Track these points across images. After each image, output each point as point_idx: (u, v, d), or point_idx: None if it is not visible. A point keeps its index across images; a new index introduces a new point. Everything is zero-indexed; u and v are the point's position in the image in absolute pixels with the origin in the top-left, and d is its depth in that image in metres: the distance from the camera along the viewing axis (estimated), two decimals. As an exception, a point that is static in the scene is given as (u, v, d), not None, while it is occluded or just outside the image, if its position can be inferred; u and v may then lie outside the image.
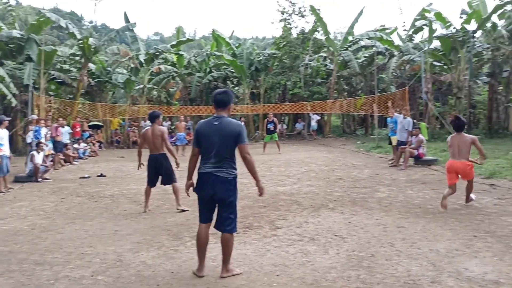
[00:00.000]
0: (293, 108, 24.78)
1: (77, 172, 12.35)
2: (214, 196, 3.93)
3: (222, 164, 3.91)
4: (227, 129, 3.89)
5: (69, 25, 19.45)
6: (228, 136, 3.87)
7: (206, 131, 3.96)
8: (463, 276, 3.87)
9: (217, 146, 3.88)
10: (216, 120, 3.95)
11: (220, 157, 3.90)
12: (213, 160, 3.91)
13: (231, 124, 3.94)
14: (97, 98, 23.26)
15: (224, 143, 3.87)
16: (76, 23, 54.68)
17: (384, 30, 25.24)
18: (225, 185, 3.91)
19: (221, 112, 4.00)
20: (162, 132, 6.87)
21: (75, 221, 6.39)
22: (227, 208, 3.95)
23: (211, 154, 3.91)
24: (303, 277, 3.95)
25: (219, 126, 3.90)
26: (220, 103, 4.01)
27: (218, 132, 3.88)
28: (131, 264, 4.41)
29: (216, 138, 3.88)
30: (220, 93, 4.09)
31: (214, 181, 3.89)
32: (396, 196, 7.75)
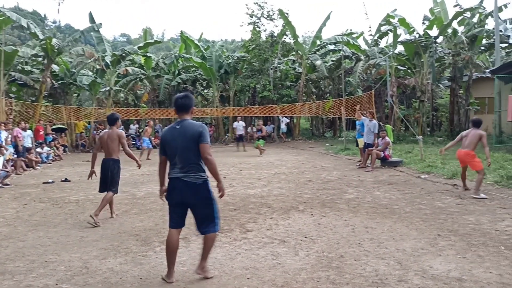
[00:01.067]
0: (262, 111, 24.89)
1: (40, 177, 11.93)
2: (183, 201, 3.89)
3: (189, 169, 3.84)
4: (188, 132, 3.84)
5: (30, 25, 18.81)
6: (190, 138, 3.82)
7: (169, 137, 3.93)
8: (428, 274, 3.98)
9: (180, 149, 3.84)
10: (178, 124, 3.93)
11: (185, 161, 3.84)
12: (180, 165, 3.86)
13: (193, 126, 3.89)
14: (61, 101, 22.58)
15: (187, 145, 3.82)
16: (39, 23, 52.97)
17: (351, 34, 25.77)
18: (193, 190, 3.84)
19: (184, 116, 3.97)
20: (119, 136, 6.60)
21: (38, 228, 6.16)
22: (202, 209, 3.91)
23: (176, 159, 3.87)
24: (273, 279, 3.96)
25: (181, 130, 3.87)
26: (181, 107, 3.97)
27: (180, 135, 3.85)
28: (98, 271, 4.29)
29: (178, 142, 3.85)
30: (181, 97, 4.02)
31: (182, 186, 3.84)
32: (363, 197, 7.91)
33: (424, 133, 20.14)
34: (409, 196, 7.90)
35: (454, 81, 20.68)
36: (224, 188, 4.04)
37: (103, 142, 6.64)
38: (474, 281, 3.81)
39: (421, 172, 10.60)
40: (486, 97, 20.76)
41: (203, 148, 3.83)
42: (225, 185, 3.95)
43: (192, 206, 3.92)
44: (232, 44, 41.45)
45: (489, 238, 5.09)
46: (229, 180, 10.39)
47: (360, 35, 26.57)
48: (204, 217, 3.93)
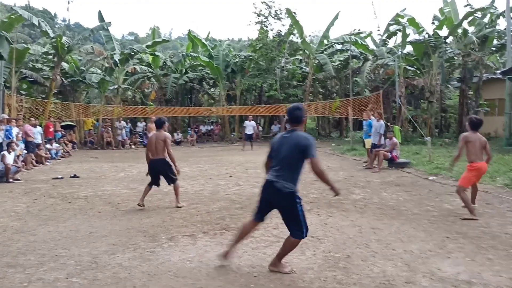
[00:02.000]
0: (269, 110, 24.92)
1: (50, 173, 12.05)
2: (270, 201, 4.13)
3: (282, 176, 4.01)
4: (293, 141, 4.00)
5: (41, 23, 18.97)
6: (293, 148, 3.98)
7: (277, 143, 4.16)
8: (437, 276, 3.98)
9: (281, 156, 4.04)
10: (288, 132, 4.12)
11: (282, 168, 4.03)
12: (276, 169, 4.08)
13: (299, 137, 4.03)
14: (70, 98, 22.75)
15: (289, 154, 4.00)
16: (49, 21, 53.34)
17: (359, 34, 25.70)
18: (279, 196, 4.01)
19: (296, 126, 4.14)
20: (165, 138, 7.19)
21: (48, 223, 6.23)
22: (287, 214, 4.10)
23: (276, 163, 4.10)
24: (280, 278, 3.98)
25: (288, 138, 4.06)
26: (295, 119, 4.14)
27: (286, 143, 4.04)
28: (107, 266, 4.34)
29: (282, 149, 4.04)
30: (295, 109, 4.18)
31: (271, 189, 4.04)
32: (370, 198, 7.89)
33: (432, 134, 20.02)
34: (416, 197, 7.87)
35: (463, 82, 20.54)
36: (338, 189, 4.38)
37: (151, 143, 7.30)
38: (484, 284, 3.79)
39: (429, 174, 10.55)
40: (497, 98, 20.58)
41: (313, 163, 3.95)
42: (231, 184, 4.01)
43: (279, 209, 4.12)
44: (239, 43, 41.46)
45: (499, 242, 5.05)
46: (235, 178, 10.42)
47: (369, 35, 26.48)
48: (289, 221, 4.09)
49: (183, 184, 9.68)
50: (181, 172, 7.47)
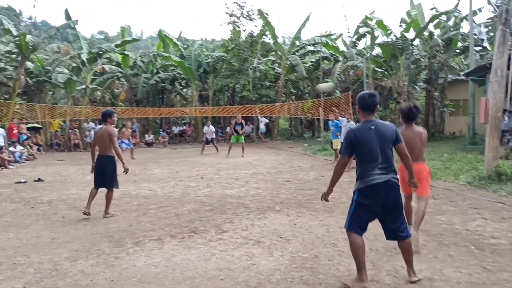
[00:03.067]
0: (241, 111, 24.81)
1: (13, 177, 11.62)
2: (385, 204, 3.74)
3: (391, 170, 3.77)
4: (386, 132, 3.75)
5: (4, 20, 18.33)
6: (389, 139, 3.75)
7: (365, 137, 3.75)
8: (400, 274, 4.04)
9: (381, 150, 3.72)
10: (372, 124, 3.78)
11: (388, 162, 3.74)
12: (383, 166, 3.72)
13: (388, 126, 3.83)
14: (36, 99, 22.02)
15: (386, 145, 3.75)
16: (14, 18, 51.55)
17: (330, 36, 26.02)
18: (395, 190, 3.78)
19: (372, 115, 3.84)
20: (109, 133, 6.66)
21: (8, 229, 6.00)
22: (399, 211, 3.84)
23: (379, 160, 3.72)
24: (247, 280, 3.95)
25: (377, 130, 3.74)
26: (373, 106, 3.83)
27: (379, 136, 3.73)
28: (68, 273, 4.20)
29: (378, 142, 3.72)
30: (371, 95, 3.87)
31: (387, 188, 3.71)
32: (339, 197, 7.97)
33: (401, 134, 20.44)
34: (384, 196, 7.98)
35: (429, 83, 21.11)
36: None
37: (97, 138, 6.78)
38: (444, 280, 3.88)
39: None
40: (461, 99, 21.24)
41: (403, 147, 3.86)
42: (202, 185, 3.81)
43: (390, 209, 3.76)
44: (212, 44, 41.27)
45: (460, 238, 5.19)
46: (207, 180, 10.34)
47: (339, 37, 26.86)
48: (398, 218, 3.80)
49: (153, 187, 9.54)
50: (129, 171, 6.94)
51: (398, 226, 3.80)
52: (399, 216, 3.81)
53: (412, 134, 4.90)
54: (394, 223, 3.80)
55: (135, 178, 10.95)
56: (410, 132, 4.92)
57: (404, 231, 3.82)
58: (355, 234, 3.83)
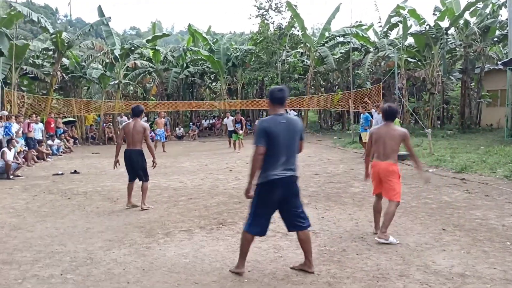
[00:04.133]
0: (270, 104, 24.82)
1: (51, 169, 12.08)
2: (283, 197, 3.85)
3: (294, 165, 3.89)
4: (295, 127, 3.88)
5: (41, 19, 18.91)
6: (297, 134, 3.89)
7: (275, 130, 3.77)
8: (431, 269, 3.97)
9: (287, 145, 3.81)
10: (282, 118, 3.85)
11: (292, 157, 3.86)
12: (286, 162, 3.81)
13: (297, 121, 4.01)
14: (72, 94, 22.77)
15: (294, 141, 3.87)
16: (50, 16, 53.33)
17: (360, 26, 25.51)
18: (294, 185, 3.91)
19: (281, 109, 3.93)
20: (144, 128, 6.75)
21: (46, 219, 6.26)
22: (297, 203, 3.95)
23: (283, 156, 3.79)
24: (274, 272, 3.98)
25: (288, 124, 3.83)
26: (281, 100, 3.92)
27: (288, 130, 3.82)
28: (102, 262, 4.35)
29: (286, 137, 3.80)
30: (280, 89, 3.98)
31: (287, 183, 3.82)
32: (369, 191, 7.77)
33: (434, 126, 19.92)
34: (415, 190, 7.84)
35: (465, 73, 20.37)
36: None
37: (128, 133, 6.79)
38: (477, 277, 3.78)
39: (429, 166, 10.50)
40: (499, 89, 20.40)
41: (302, 144, 3.99)
42: (230, 178, 3.83)
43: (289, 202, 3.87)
44: (240, 37, 41.30)
45: (496, 234, 5.03)
46: (235, 173, 10.42)
47: (370, 27, 26.30)
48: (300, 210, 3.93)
49: (183, 179, 9.71)
50: (157, 166, 6.99)
51: (297, 217, 3.89)
52: (297, 207, 3.90)
53: (386, 132, 4.94)
54: (294, 214, 3.90)
55: (166, 170, 11.17)
56: (385, 130, 4.97)
57: (305, 221, 3.92)
58: (250, 235, 3.91)
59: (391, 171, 4.94)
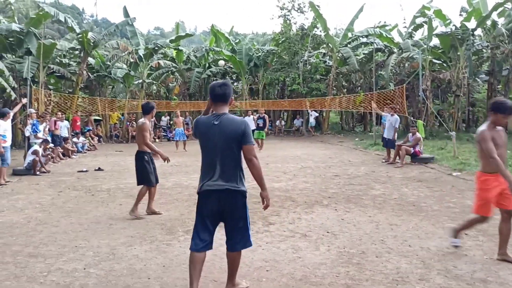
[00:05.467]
0: (291, 105, 24.80)
1: (75, 166, 12.38)
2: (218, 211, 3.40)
3: (230, 177, 3.33)
4: (229, 129, 3.26)
5: (68, 19, 19.39)
6: (231, 138, 3.27)
7: (204, 132, 3.34)
8: (452, 274, 3.91)
9: (219, 152, 3.28)
10: (216, 118, 3.31)
11: (226, 167, 3.30)
12: (219, 172, 3.30)
13: (234, 122, 3.30)
14: (97, 93, 23.25)
15: (228, 146, 3.27)
16: (77, 17, 54.57)
17: (384, 27, 25.19)
18: (232, 198, 3.39)
19: (222, 107, 3.37)
20: (139, 126, 6.24)
21: (71, 215, 6.43)
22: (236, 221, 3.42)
23: (215, 164, 3.30)
24: (292, 272, 4.00)
25: (220, 126, 3.27)
26: (220, 96, 3.36)
27: (220, 133, 3.26)
28: (124, 257, 4.46)
29: (218, 142, 3.27)
30: (220, 85, 3.39)
31: (220, 196, 3.33)
32: (390, 193, 7.79)
33: (459, 129, 19.52)
34: (438, 193, 7.71)
35: (492, 75, 19.88)
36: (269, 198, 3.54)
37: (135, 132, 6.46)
38: (500, 283, 3.71)
39: (453, 170, 10.30)
40: (527, 92, 19.86)
41: (248, 149, 3.30)
42: (250, 178, 3.61)
43: (227, 218, 3.38)
44: (262, 37, 41.33)
45: (520, 239, 4.91)
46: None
47: (394, 28, 25.94)
48: (237, 230, 3.39)
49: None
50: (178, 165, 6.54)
51: (233, 237, 3.38)
52: (236, 226, 3.36)
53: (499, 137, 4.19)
54: (230, 231, 3.39)
55: (187, 169, 11.30)
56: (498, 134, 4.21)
57: (238, 242, 3.38)
58: (195, 253, 3.37)
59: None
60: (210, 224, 3.38)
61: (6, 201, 7.53)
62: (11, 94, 16.84)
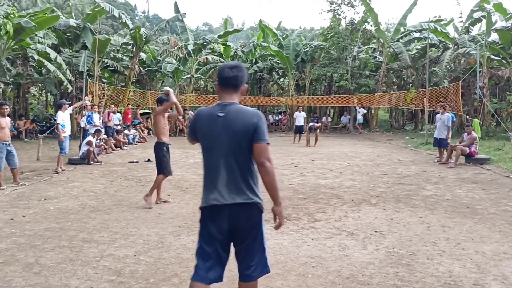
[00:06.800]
0: (339, 101, 24.37)
1: (126, 157, 12.84)
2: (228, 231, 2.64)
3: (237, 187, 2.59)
4: (238, 124, 2.54)
5: (122, 15, 20.11)
6: (240, 134, 2.54)
7: (206, 128, 2.61)
8: (510, 281, 3.69)
9: (224, 152, 2.57)
10: (222, 109, 2.58)
11: (232, 173, 2.59)
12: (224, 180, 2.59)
13: (245, 115, 2.57)
14: (147, 87, 23.99)
15: (236, 146, 2.56)
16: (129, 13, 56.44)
17: (439, 21, 24.11)
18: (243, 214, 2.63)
19: (230, 95, 2.65)
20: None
21: (122, 203, 6.68)
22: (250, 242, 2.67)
23: (218, 167, 2.59)
24: (339, 270, 3.92)
25: (226, 120, 2.55)
26: (230, 80, 2.64)
27: (225, 129, 2.55)
28: (172, 246, 4.57)
29: (223, 139, 2.56)
30: (231, 66, 2.67)
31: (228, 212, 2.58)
32: (443, 194, 7.46)
33: (518, 129, 18.39)
34: (494, 196, 7.30)
35: (557, 73, 18.54)
36: (283, 215, 2.75)
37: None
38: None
39: (510, 172, 9.72)
40: None
41: (260, 149, 2.54)
42: (295, 174, 3.46)
43: (239, 240, 2.62)
44: (310, 32, 40.92)
45: None
46: (301, 169, 10.37)
47: (450, 22, 24.78)
48: (252, 254, 2.63)
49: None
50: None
51: (247, 263, 2.62)
52: (251, 250, 2.62)
53: None
54: (244, 258, 2.64)
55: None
56: None
57: (255, 269, 2.62)
58: (198, 284, 2.57)
59: None
60: (221, 249, 2.61)
61: (62, 188, 7.95)
62: (68, 86, 17.74)
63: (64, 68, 17.79)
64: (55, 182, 8.67)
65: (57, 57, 17.75)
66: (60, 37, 19.81)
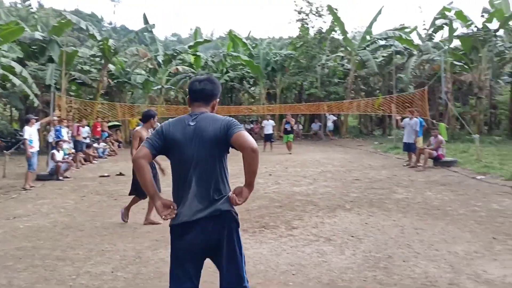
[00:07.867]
0: (309, 109, 24.70)
1: (97, 171, 12.57)
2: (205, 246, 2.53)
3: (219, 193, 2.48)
4: (209, 130, 2.44)
5: (89, 26, 19.80)
6: (212, 140, 2.44)
7: (180, 136, 2.47)
8: (482, 279, 3.83)
9: (197, 160, 2.44)
10: (193, 118, 2.50)
11: (207, 182, 2.45)
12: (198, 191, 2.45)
13: (215, 119, 2.49)
14: (116, 99, 23.59)
15: (209, 153, 2.45)
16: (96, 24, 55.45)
17: (404, 29, 24.95)
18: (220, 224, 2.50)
19: (200, 108, 2.57)
20: (133, 135, 5.86)
21: (95, 219, 6.53)
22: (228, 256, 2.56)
23: (191, 179, 2.45)
24: (319, 276, 3.97)
25: (197, 128, 2.46)
26: (201, 94, 2.59)
27: (197, 137, 2.44)
28: (150, 261, 4.50)
29: (194, 148, 2.44)
30: (201, 80, 2.62)
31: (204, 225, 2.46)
32: (414, 197, 7.68)
33: (481, 132, 19.14)
34: (463, 197, 7.57)
35: (515, 77, 19.50)
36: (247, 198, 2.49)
37: None
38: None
39: (477, 173, 10.11)
40: (551, 93, 19.41)
41: (241, 137, 2.38)
42: (270, 182, 3.60)
43: (216, 253, 2.52)
44: (279, 42, 41.36)
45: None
46: (275, 177, 10.43)
47: (413, 30, 25.66)
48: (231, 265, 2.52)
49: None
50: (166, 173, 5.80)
51: (226, 277, 2.52)
52: (229, 263, 2.51)
53: None
54: (223, 271, 2.53)
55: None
56: None
57: (233, 284, 2.51)
58: None
59: None
60: (193, 267, 2.51)
61: (31, 206, 7.69)
62: (34, 101, 17.23)
63: (30, 82, 17.28)
64: (24, 199, 8.38)
65: (22, 71, 17.21)
66: (26, 50, 19.26)
